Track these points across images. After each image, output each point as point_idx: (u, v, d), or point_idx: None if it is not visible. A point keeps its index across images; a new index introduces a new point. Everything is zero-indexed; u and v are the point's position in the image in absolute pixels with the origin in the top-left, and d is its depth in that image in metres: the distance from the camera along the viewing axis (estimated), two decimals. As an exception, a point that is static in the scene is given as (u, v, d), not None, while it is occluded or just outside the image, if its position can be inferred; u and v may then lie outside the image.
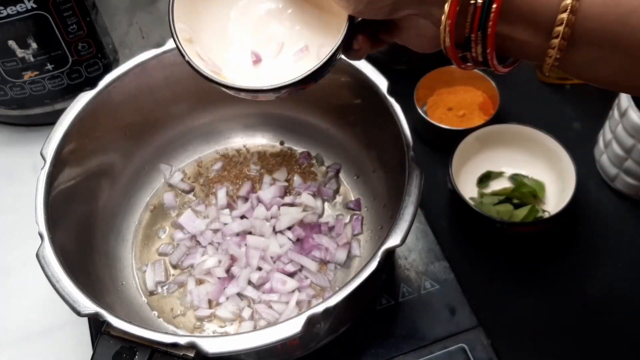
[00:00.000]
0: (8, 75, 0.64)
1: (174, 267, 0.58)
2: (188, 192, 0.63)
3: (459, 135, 0.63)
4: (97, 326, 0.55)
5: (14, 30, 0.61)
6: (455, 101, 0.69)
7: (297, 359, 0.52)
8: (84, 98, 0.53)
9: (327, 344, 0.52)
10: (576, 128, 0.68)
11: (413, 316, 0.54)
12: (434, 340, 0.53)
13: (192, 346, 0.42)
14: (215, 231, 0.59)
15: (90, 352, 0.55)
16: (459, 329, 0.53)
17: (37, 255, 0.46)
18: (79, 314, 0.44)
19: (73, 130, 0.52)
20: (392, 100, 0.51)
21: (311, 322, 0.42)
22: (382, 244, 0.45)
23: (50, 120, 0.71)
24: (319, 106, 0.61)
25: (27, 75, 0.65)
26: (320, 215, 0.60)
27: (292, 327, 0.42)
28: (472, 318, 0.54)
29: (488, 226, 0.59)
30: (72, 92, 0.67)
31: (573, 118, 0.69)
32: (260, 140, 0.66)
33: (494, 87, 0.68)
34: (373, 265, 0.44)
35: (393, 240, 0.45)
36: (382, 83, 0.52)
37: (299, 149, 0.65)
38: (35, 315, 0.59)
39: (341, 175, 0.63)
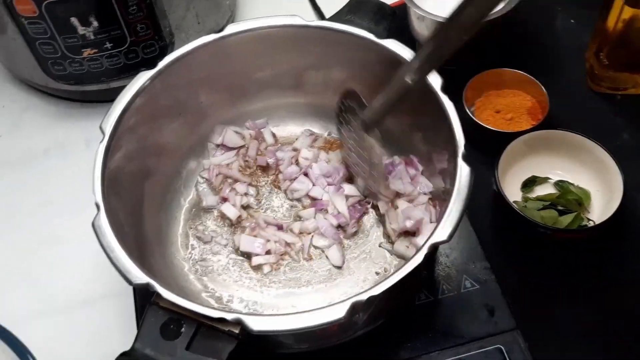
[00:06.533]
0: (68, 51, 0.66)
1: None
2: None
3: (506, 138, 0.63)
4: (142, 299, 0.57)
5: (77, 8, 0.63)
6: (503, 104, 0.69)
7: (333, 346, 0.53)
8: (144, 77, 0.55)
9: (365, 334, 0.52)
10: (625, 139, 0.68)
11: (451, 314, 0.55)
12: (471, 339, 0.53)
13: (238, 323, 0.42)
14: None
15: (133, 324, 0.57)
16: (496, 330, 0.53)
17: (93, 225, 0.47)
18: (130, 283, 0.44)
19: (132, 107, 0.53)
20: (445, 98, 0.51)
21: (355, 309, 0.43)
22: (428, 238, 0.45)
23: (104, 98, 0.73)
24: (372, 99, 0.62)
25: (87, 53, 0.66)
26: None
27: (336, 312, 0.43)
28: (511, 320, 0.54)
29: (531, 231, 0.58)
30: (127, 72, 0.69)
31: (622, 129, 0.69)
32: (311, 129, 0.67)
33: (544, 93, 0.67)
34: (419, 258, 0.44)
35: (440, 236, 0.45)
36: (436, 80, 0.52)
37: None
38: (81, 285, 0.61)
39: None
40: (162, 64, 0.55)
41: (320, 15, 0.81)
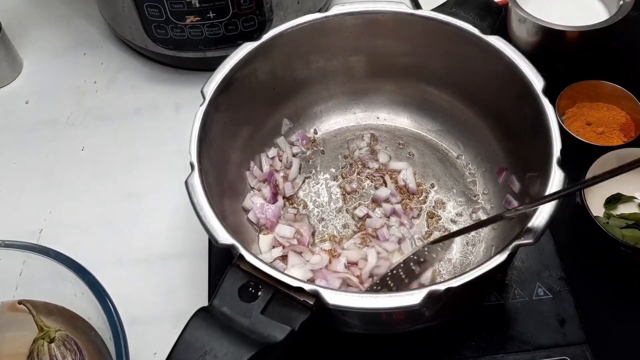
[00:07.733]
0: (172, 16, 0.68)
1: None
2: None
3: (595, 152, 0.61)
4: (217, 261, 0.59)
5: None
6: (595, 117, 0.68)
7: (394, 334, 0.53)
8: (247, 47, 0.56)
9: (429, 329, 0.52)
10: None
11: (520, 319, 0.54)
12: (537, 347, 0.52)
13: (314, 294, 0.43)
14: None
15: (203, 284, 0.59)
16: (565, 341, 0.53)
17: (186, 183, 0.48)
18: (216, 243, 0.46)
19: (234, 77, 0.55)
20: (546, 100, 0.51)
21: (431, 297, 0.43)
22: (514, 238, 0.45)
23: (198, 66, 0.76)
24: (463, 94, 0.61)
25: (189, 20, 0.69)
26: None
27: (413, 298, 0.43)
28: (581, 334, 0.53)
29: (612, 248, 0.57)
30: (225, 43, 0.71)
31: None
32: (401, 121, 0.67)
33: (641, 110, 0.65)
34: (502, 256, 0.44)
35: (526, 238, 0.45)
36: (537, 81, 0.52)
37: (433, 137, 0.66)
38: (158, 240, 0.63)
39: (473, 169, 0.64)
40: (265, 37, 0.57)
41: (417, 5, 0.81)
